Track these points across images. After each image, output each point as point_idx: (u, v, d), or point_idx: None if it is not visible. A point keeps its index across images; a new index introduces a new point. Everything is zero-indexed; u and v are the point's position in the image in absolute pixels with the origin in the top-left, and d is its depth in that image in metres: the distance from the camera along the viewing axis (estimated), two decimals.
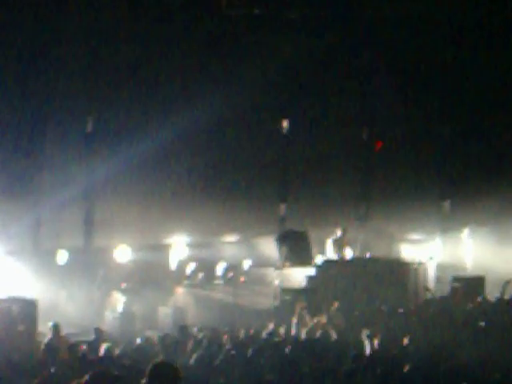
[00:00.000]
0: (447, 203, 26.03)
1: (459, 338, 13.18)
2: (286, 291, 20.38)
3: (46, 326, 15.31)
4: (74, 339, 15.15)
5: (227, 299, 21.50)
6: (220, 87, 21.35)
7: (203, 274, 22.74)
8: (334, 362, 11.20)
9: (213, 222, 22.24)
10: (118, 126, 21.09)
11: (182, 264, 22.44)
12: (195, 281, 22.57)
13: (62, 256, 20.35)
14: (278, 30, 23.06)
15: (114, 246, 21.27)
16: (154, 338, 14.83)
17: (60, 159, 20.24)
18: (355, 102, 25.09)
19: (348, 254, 21.49)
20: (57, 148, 20.24)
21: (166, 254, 22.18)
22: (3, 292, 17.28)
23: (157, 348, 13.40)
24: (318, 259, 21.40)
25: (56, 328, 14.77)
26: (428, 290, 20.49)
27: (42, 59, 19.89)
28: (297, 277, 20.86)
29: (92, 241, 21.30)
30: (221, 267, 22.88)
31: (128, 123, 21.12)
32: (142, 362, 10.34)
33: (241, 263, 23.05)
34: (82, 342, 14.40)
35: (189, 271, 22.60)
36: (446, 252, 24.61)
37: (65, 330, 15.21)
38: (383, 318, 16.51)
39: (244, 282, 22.52)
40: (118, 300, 20.56)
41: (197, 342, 13.39)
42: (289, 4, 23.60)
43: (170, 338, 13.97)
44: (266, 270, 22.07)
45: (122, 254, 21.28)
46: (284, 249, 21.26)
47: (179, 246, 22.33)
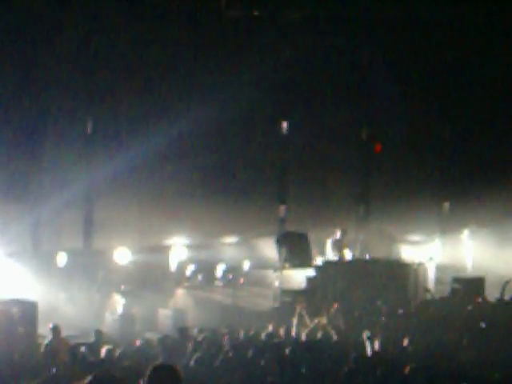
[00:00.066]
0: (447, 204, 26.03)
1: (459, 339, 13.15)
2: (285, 292, 20.38)
3: (45, 328, 15.30)
4: (73, 341, 15.13)
5: (227, 301, 21.49)
6: (219, 89, 21.36)
7: (203, 275, 22.75)
8: (335, 363, 11.19)
9: (212, 223, 22.24)
10: (118, 127, 21.10)
11: (182, 266, 22.43)
12: (195, 282, 22.57)
13: (62, 258, 20.34)
14: (277, 31, 23.06)
15: (113, 248, 21.26)
16: (154, 339, 14.81)
17: (60, 161, 20.25)
18: (355, 103, 25.08)
19: (348, 255, 21.46)
20: (57, 149, 20.23)
21: (166, 255, 22.16)
22: (3, 294, 17.27)
23: (157, 350, 13.38)
24: (318, 260, 21.37)
25: (56, 330, 14.76)
26: (428, 290, 20.48)
27: (42, 61, 19.88)
28: (296, 278, 20.84)
29: (92, 243, 21.29)
30: (220, 269, 22.89)
31: (128, 125, 21.13)
32: (142, 363, 10.33)
33: (240, 265, 23.04)
34: (82, 344, 14.38)
35: (188, 273, 22.61)
36: (445, 253, 24.59)
37: (64, 332, 15.19)
38: (383, 319, 16.49)
39: (244, 283, 22.53)
40: (118, 302, 20.54)
41: (197, 343, 13.37)
42: (288, 5, 23.60)
43: (170, 340, 13.95)
44: (265, 271, 22.07)
45: (122, 255, 21.27)
46: (284, 250, 21.23)
47: (179, 247, 22.31)
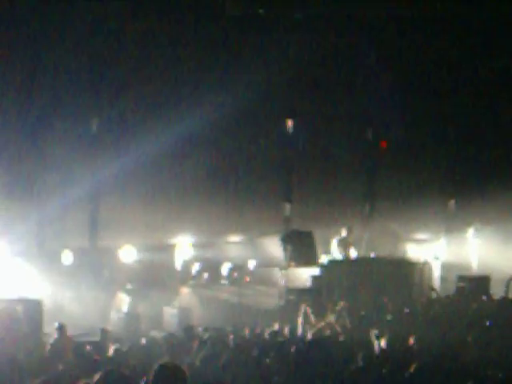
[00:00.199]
0: (452, 203, 26.00)
1: (464, 337, 13.13)
2: (291, 291, 20.37)
3: (51, 327, 15.31)
4: (79, 340, 15.14)
5: (232, 299, 21.51)
6: (224, 87, 21.35)
7: (208, 274, 22.77)
8: (342, 362, 11.18)
9: (217, 222, 22.24)
10: (124, 126, 21.11)
11: (187, 264, 22.45)
12: (200, 281, 22.58)
13: (68, 256, 20.36)
14: (282, 29, 23.04)
15: (119, 247, 21.29)
16: (159, 338, 14.81)
17: (65, 160, 20.25)
18: (360, 102, 25.05)
19: (353, 253, 21.46)
20: (62, 148, 20.24)
21: (171, 254, 22.18)
22: (8, 292, 17.30)
23: (162, 348, 13.38)
24: (323, 259, 21.37)
25: (62, 328, 14.75)
26: (433, 289, 20.48)
27: (47, 61, 19.90)
28: (302, 277, 20.84)
29: (97, 241, 21.30)
30: (226, 267, 22.90)
31: (133, 124, 21.14)
32: (147, 362, 10.33)
33: (246, 263, 23.06)
34: (88, 343, 14.39)
35: (194, 271, 22.63)
36: (451, 251, 24.58)
37: (70, 331, 15.19)
38: (389, 317, 16.49)
39: (249, 282, 22.55)
40: (123, 300, 20.57)
41: (202, 342, 13.37)
42: (293, 4, 23.57)
43: (175, 339, 13.95)
44: (271, 270, 22.07)
45: (127, 254, 21.29)
46: (289, 249, 21.23)
47: (184, 246, 22.32)
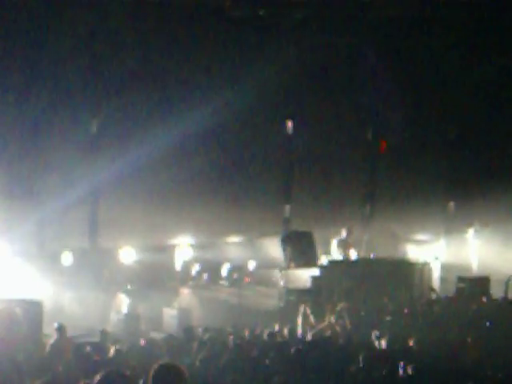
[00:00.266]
0: (452, 204, 26.02)
1: (464, 338, 13.14)
2: (290, 292, 20.38)
3: (51, 328, 15.30)
4: (79, 340, 15.14)
5: (232, 300, 21.50)
6: (224, 88, 21.36)
7: (208, 275, 22.77)
8: (342, 362, 11.20)
9: (217, 223, 22.24)
10: (123, 127, 21.10)
11: (187, 265, 22.45)
12: (200, 282, 22.58)
13: (67, 257, 20.36)
14: (282, 30, 23.05)
15: (118, 247, 21.29)
16: (159, 339, 14.82)
17: (65, 160, 20.25)
18: (360, 103, 25.06)
19: (353, 254, 21.47)
20: (62, 149, 20.23)
21: (171, 255, 22.17)
22: (8, 293, 17.28)
23: (162, 349, 13.38)
24: (323, 260, 21.37)
25: (61, 329, 14.73)
26: (433, 290, 20.48)
27: (47, 61, 19.89)
28: (302, 277, 20.84)
29: (97, 242, 21.29)
30: (225, 268, 22.90)
31: (133, 124, 21.13)
32: (147, 363, 10.34)
33: (245, 264, 23.06)
34: (88, 344, 14.39)
35: (194, 272, 22.62)
36: (450, 252, 24.58)
37: (70, 332, 15.18)
38: (389, 318, 16.49)
39: (249, 282, 22.55)
40: (123, 301, 20.56)
41: (202, 343, 13.38)
42: (293, 5, 23.57)
43: (175, 339, 13.96)
44: (270, 270, 22.08)
45: (127, 255, 21.29)
46: (289, 249, 21.24)
47: (184, 247, 22.32)
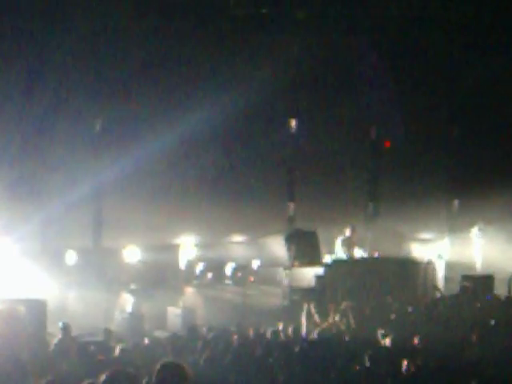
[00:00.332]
0: (456, 202, 25.97)
1: (468, 337, 13.12)
2: (295, 291, 20.37)
3: (55, 327, 15.31)
4: (82, 340, 15.14)
5: (236, 299, 21.48)
6: (227, 87, 21.34)
7: (212, 274, 22.75)
8: (346, 361, 11.19)
9: (221, 221, 22.22)
10: (127, 126, 21.10)
11: (191, 264, 22.44)
12: (204, 281, 22.56)
13: (71, 256, 20.38)
14: (285, 29, 23.02)
15: (122, 247, 21.29)
16: (163, 338, 14.80)
17: (69, 159, 20.27)
18: (363, 101, 25.02)
19: (357, 253, 21.44)
20: (65, 148, 20.25)
21: (175, 254, 22.17)
22: (12, 293, 17.30)
23: (165, 348, 13.38)
24: (327, 258, 21.35)
25: (66, 328, 14.74)
26: (437, 289, 20.46)
27: (50, 61, 19.90)
28: (306, 276, 20.82)
29: (101, 241, 21.31)
30: (230, 267, 22.88)
31: (136, 124, 21.13)
32: (151, 362, 10.33)
33: (250, 263, 23.03)
34: (92, 343, 14.39)
35: (198, 271, 22.60)
36: (454, 251, 24.55)
37: (73, 331, 15.20)
38: (393, 316, 16.48)
39: (253, 281, 22.52)
40: (127, 300, 20.56)
41: (206, 342, 13.37)
42: (296, 3, 23.56)
43: (180, 338, 13.95)
44: (274, 269, 22.05)
45: (131, 254, 21.29)
46: (293, 248, 21.22)
47: (188, 246, 22.31)
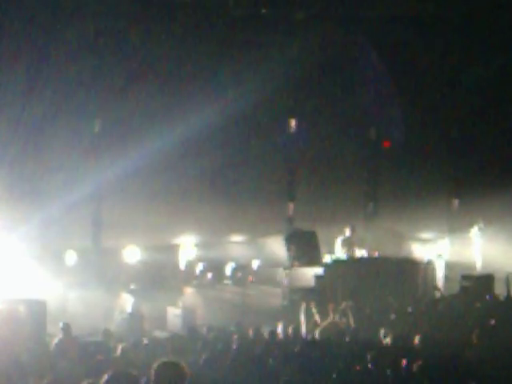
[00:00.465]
0: (456, 201, 25.97)
1: (468, 337, 13.11)
2: (294, 291, 20.36)
3: (55, 327, 15.30)
4: (82, 340, 15.14)
5: (236, 299, 21.48)
6: (227, 87, 21.35)
7: (212, 274, 22.76)
8: (347, 361, 11.19)
9: (221, 221, 22.24)
10: (126, 127, 21.09)
11: (191, 264, 22.45)
12: (204, 281, 22.58)
13: (71, 257, 20.38)
14: (285, 29, 23.03)
15: (122, 247, 21.30)
16: (163, 338, 14.80)
17: (68, 160, 20.26)
18: (363, 102, 25.02)
19: (357, 253, 21.44)
20: (65, 148, 20.25)
21: (175, 254, 22.18)
22: (12, 293, 17.30)
23: (166, 348, 13.38)
24: (327, 258, 21.35)
25: (67, 328, 14.72)
26: (437, 288, 20.45)
27: (50, 61, 19.89)
28: (305, 276, 20.82)
29: (100, 241, 21.31)
30: (229, 267, 22.89)
31: (135, 124, 21.13)
32: (151, 362, 10.33)
33: (249, 263, 23.05)
34: (91, 343, 14.39)
35: (197, 271, 22.62)
36: (454, 251, 24.54)
37: (73, 331, 15.19)
38: (393, 316, 16.47)
39: (253, 281, 22.52)
40: (127, 301, 20.55)
41: (206, 342, 13.37)
42: (296, 4, 23.57)
43: (179, 339, 13.95)
44: (274, 269, 22.06)
45: (131, 254, 21.30)
46: (292, 248, 21.22)
47: (188, 246, 22.32)
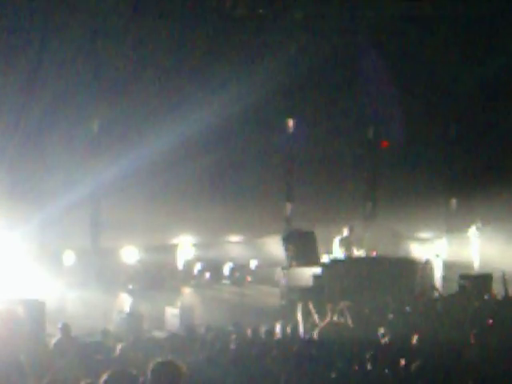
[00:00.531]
0: (454, 201, 26.00)
1: (466, 336, 13.13)
2: (292, 291, 20.38)
3: (53, 327, 15.31)
4: (81, 340, 15.14)
5: (234, 299, 21.51)
6: (225, 87, 21.36)
7: (210, 274, 22.78)
8: (347, 360, 11.21)
9: (219, 221, 22.25)
10: (125, 127, 21.10)
11: (189, 264, 22.47)
12: (202, 281, 22.59)
13: (69, 257, 20.38)
14: (282, 29, 23.04)
15: (120, 247, 21.30)
16: (161, 338, 14.81)
17: (67, 161, 20.26)
18: (361, 101, 25.04)
19: (355, 252, 21.47)
20: (63, 149, 20.25)
21: (173, 254, 22.20)
22: (10, 293, 17.30)
23: (164, 348, 13.38)
24: (325, 258, 21.37)
25: (65, 328, 14.71)
26: (435, 288, 20.47)
27: (48, 62, 19.90)
28: (303, 276, 20.85)
29: (99, 242, 21.30)
30: (227, 267, 22.91)
31: (134, 124, 21.14)
32: (149, 361, 10.34)
33: (247, 263, 23.07)
34: (90, 343, 14.39)
35: (196, 271, 22.64)
36: (452, 250, 24.58)
37: (72, 331, 15.19)
38: (391, 316, 16.48)
39: (251, 281, 22.56)
40: (125, 301, 20.57)
41: (204, 342, 13.38)
42: (293, 4, 23.58)
43: (178, 338, 13.96)
44: (272, 269, 22.09)
45: (129, 254, 21.31)
46: (290, 248, 21.23)
47: (186, 246, 22.34)
